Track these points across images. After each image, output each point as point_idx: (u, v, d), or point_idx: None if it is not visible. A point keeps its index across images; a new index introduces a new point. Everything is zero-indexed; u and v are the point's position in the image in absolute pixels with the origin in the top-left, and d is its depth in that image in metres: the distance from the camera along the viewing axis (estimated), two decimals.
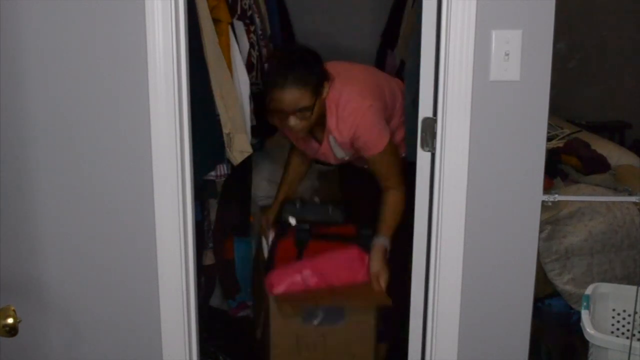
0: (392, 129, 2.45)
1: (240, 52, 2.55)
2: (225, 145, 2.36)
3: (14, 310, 1.35)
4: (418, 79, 1.91)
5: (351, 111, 2.36)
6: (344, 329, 2.47)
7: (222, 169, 2.47)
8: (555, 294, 2.51)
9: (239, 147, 2.41)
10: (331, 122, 2.39)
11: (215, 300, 3.06)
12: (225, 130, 2.34)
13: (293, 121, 2.31)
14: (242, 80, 2.50)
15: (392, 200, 2.41)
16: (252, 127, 2.57)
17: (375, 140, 2.37)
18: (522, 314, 1.97)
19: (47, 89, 1.87)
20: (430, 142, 1.91)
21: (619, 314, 2.11)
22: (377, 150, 2.38)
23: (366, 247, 2.46)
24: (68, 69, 1.86)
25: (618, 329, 2.11)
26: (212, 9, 2.29)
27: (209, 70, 2.27)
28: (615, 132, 3.58)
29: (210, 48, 2.26)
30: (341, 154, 2.51)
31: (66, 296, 2.00)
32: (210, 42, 2.26)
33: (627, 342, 1.81)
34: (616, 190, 2.60)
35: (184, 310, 1.99)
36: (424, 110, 1.91)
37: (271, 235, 2.66)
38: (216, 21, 2.33)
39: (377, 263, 2.41)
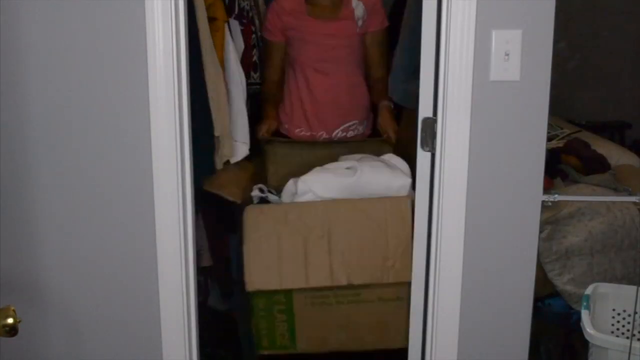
0: None
1: (237, 51, 2.52)
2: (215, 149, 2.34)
3: (14, 310, 1.35)
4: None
5: None
6: None
7: None
8: (555, 294, 2.50)
9: (225, 151, 2.39)
10: None
11: (213, 301, 3.05)
12: (215, 133, 2.32)
13: None
14: (235, 80, 2.46)
15: (381, 81, 2.93)
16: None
17: (384, 15, 2.89)
18: (522, 314, 1.97)
19: (46, 89, 1.87)
20: (430, 142, 1.91)
21: (619, 314, 2.11)
22: (384, 25, 2.88)
23: None
24: (68, 69, 1.86)
25: (618, 329, 2.11)
26: (208, 7, 2.28)
27: (205, 71, 2.26)
28: (615, 132, 3.58)
29: (206, 48, 2.25)
30: (361, 12, 2.84)
31: (66, 296, 2.00)
32: (206, 42, 2.24)
33: (627, 342, 1.81)
34: (616, 190, 2.60)
35: (184, 310, 1.99)
36: (424, 110, 1.91)
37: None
38: (212, 19, 2.31)
39: (385, 119, 2.93)
